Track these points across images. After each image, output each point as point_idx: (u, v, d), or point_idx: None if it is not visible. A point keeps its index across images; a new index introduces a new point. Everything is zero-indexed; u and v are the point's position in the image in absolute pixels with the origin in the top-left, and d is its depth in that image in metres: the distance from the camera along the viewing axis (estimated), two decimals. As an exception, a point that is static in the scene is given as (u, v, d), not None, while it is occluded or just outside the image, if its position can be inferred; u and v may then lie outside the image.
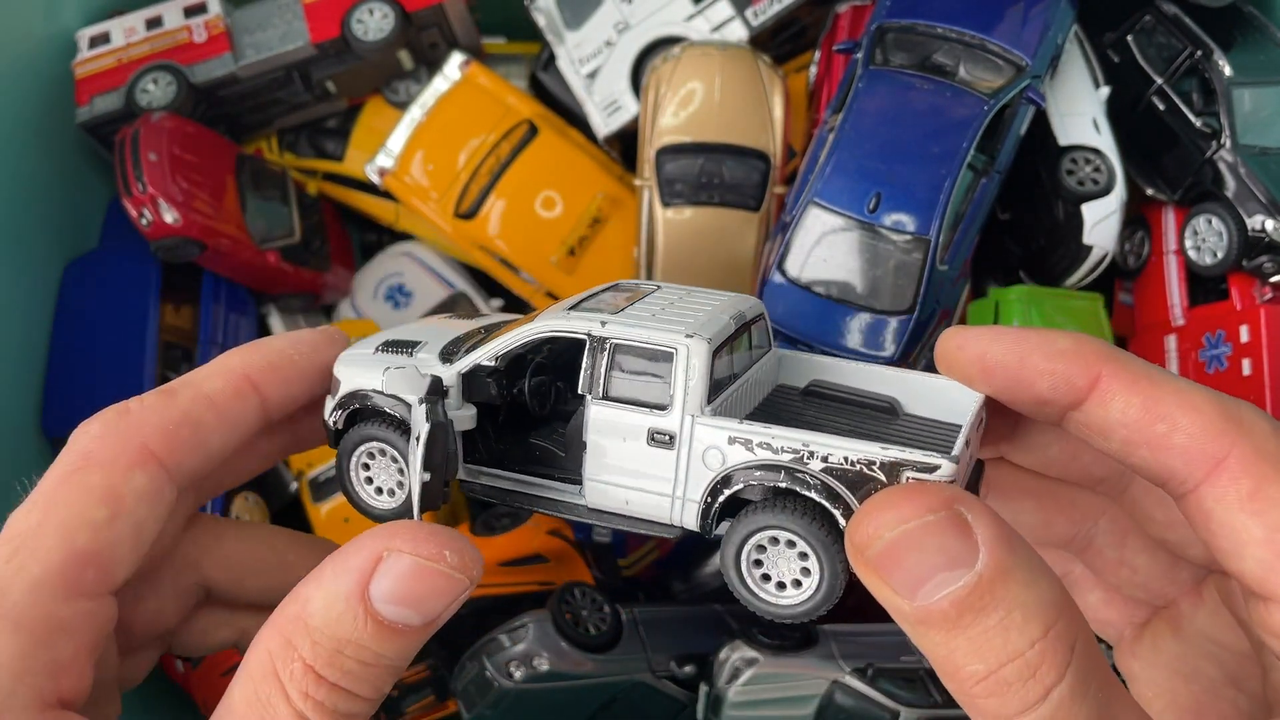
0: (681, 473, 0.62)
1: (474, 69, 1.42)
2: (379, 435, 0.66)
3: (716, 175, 1.22)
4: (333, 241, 1.54)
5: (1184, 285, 1.25)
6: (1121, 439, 0.59)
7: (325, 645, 0.54)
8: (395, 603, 0.54)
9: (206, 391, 0.64)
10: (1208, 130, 1.19)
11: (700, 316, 0.64)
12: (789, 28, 1.41)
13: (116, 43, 1.40)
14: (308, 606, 0.54)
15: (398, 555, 0.54)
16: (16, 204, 1.33)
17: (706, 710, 1.14)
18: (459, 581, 0.56)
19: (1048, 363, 0.60)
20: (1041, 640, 0.49)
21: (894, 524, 0.51)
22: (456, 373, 0.65)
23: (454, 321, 0.75)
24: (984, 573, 0.49)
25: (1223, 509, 0.56)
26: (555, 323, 0.64)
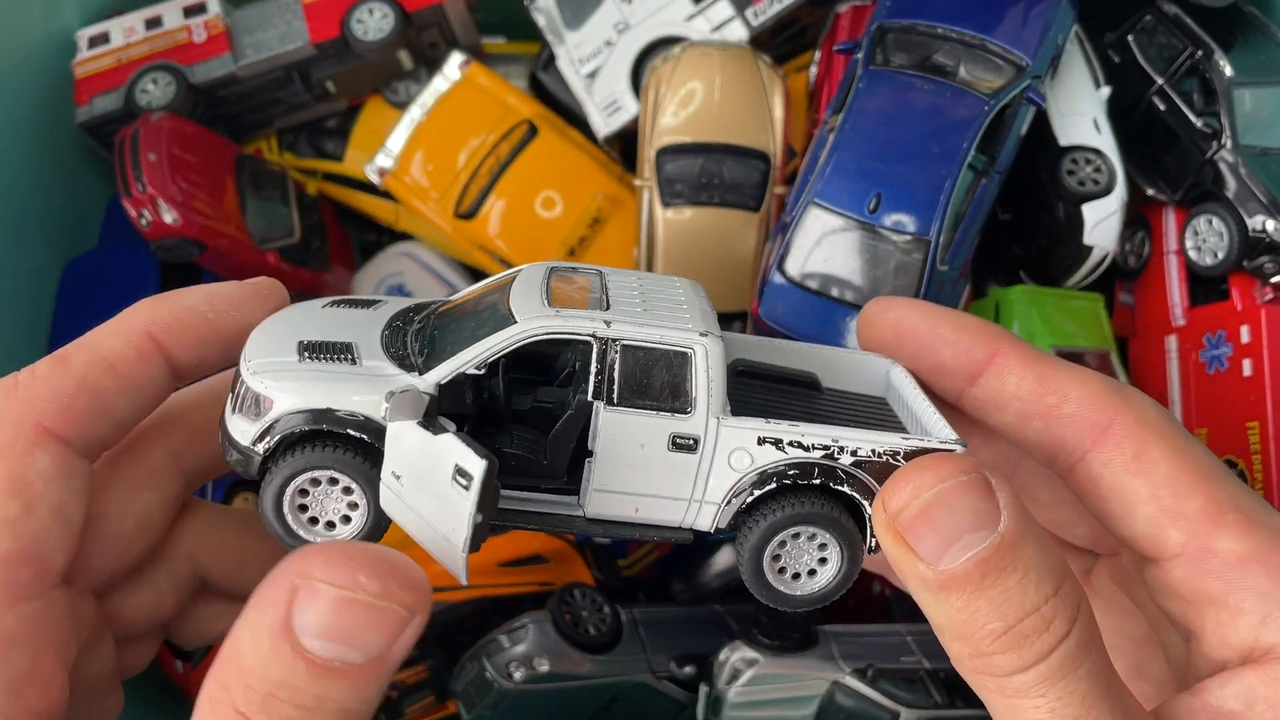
0: (703, 476, 0.60)
1: (474, 69, 1.42)
2: (332, 463, 0.57)
3: (716, 175, 1.22)
4: (332, 241, 1.54)
5: (1184, 285, 1.25)
6: (1016, 411, 0.63)
7: (257, 689, 0.47)
8: (325, 638, 0.47)
9: (104, 354, 0.58)
10: (1208, 130, 1.19)
11: (690, 310, 0.63)
12: (789, 28, 1.40)
13: (116, 43, 1.40)
14: (238, 645, 0.48)
15: (311, 585, 0.47)
16: (16, 204, 1.33)
17: (706, 711, 1.14)
18: (386, 612, 0.47)
19: (954, 334, 0.65)
20: (1054, 596, 0.51)
21: (932, 484, 0.53)
22: (436, 384, 0.58)
23: (353, 311, 0.65)
24: (1006, 534, 0.51)
25: (1110, 472, 0.59)
26: (550, 322, 0.58)
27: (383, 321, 0.64)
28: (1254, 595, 0.54)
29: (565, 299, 0.60)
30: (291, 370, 0.57)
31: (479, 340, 0.58)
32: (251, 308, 0.62)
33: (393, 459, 0.56)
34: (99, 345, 0.59)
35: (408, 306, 0.66)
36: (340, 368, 0.58)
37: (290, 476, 0.57)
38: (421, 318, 0.64)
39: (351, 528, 0.59)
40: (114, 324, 0.60)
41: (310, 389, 0.56)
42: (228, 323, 0.61)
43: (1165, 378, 1.24)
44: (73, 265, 1.40)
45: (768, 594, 0.62)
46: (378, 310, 0.66)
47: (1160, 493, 0.58)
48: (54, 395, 0.56)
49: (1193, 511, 0.57)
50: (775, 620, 1.18)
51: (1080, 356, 1.19)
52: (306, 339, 0.60)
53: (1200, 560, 0.56)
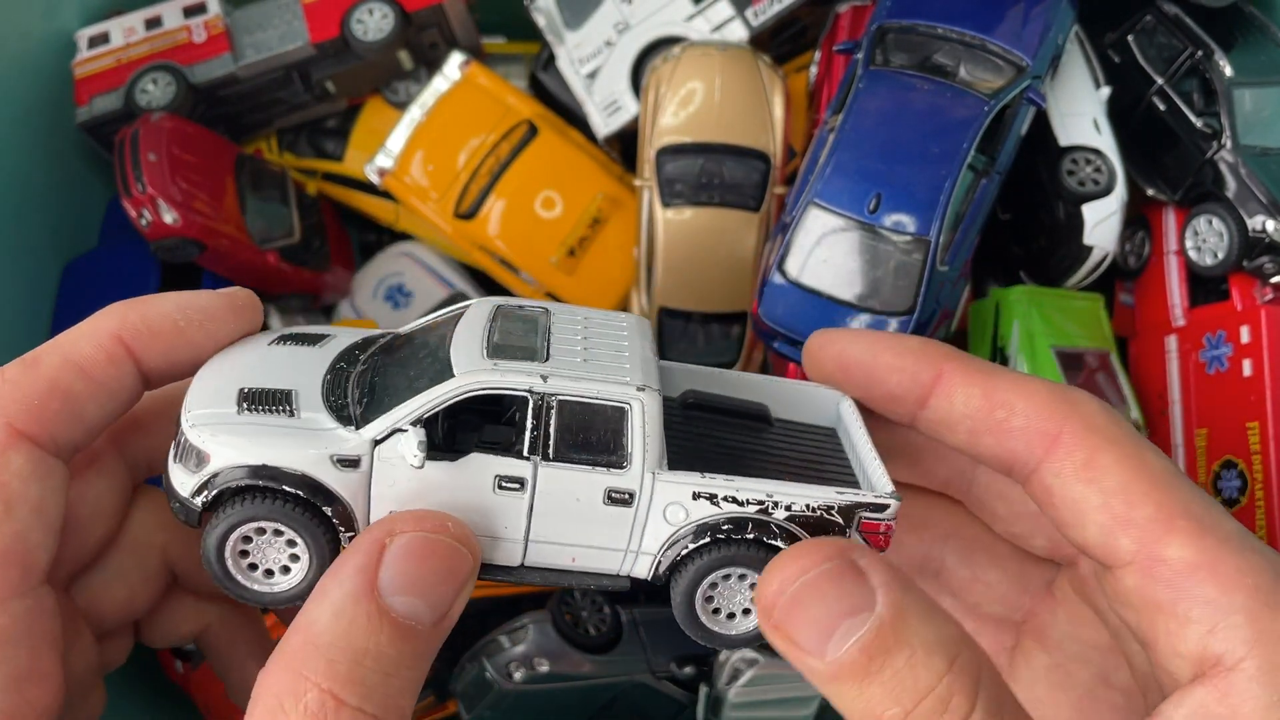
0: (639, 528, 0.60)
1: (474, 69, 1.42)
2: (273, 515, 0.57)
3: (717, 175, 1.22)
4: (332, 242, 1.54)
5: (1184, 286, 1.25)
6: (967, 429, 0.63)
7: (342, 660, 0.50)
8: (406, 591, 0.51)
9: (75, 358, 0.58)
10: (1208, 130, 1.19)
11: (630, 359, 0.62)
12: (789, 28, 1.40)
13: (116, 43, 1.40)
14: (314, 627, 0.51)
15: (401, 536, 0.52)
16: (16, 204, 1.33)
17: (706, 711, 1.14)
18: (463, 556, 0.54)
19: (897, 360, 0.64)
20: (949, 673, 0.50)
21: (796, 576, 0.53)
22: (371, 440, 0.58)
23: (299, 350, 0.65)
24: (884, 614, 0.51)
25: (1061, 482, 0.59)
26: (487, 378, 0.57)
27: (327, 363, 0.63)
28: (1201, 604, 0.54)
29: (505, 349, 0.60)
30: (229, 424, 0.57)
31: (415, 394, 0.58)
32: (224, 319, 0.62)
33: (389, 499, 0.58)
34: (69, 348, 0.59)
35: (355, 343, 0.66)
36: (277, 420, 0.58)
37: (231, 527, 0.58)
38: (367, 357, 0.64)
39: (292, 577, 0.60)
40: (85, 327, 0.60)
41: (246, 444, 0.57)
42: (199, 333, 0.61)
43: (1165, 378, 1.24)
44: (73, 265, 1.40)
45: (702, 634, 0.63)
46: (325, 347, 0.65)
47: (1111, 501, 0.57)
48: (24, 398, 0.56)
49: (1143, 519, 0.56)
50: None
51: (1080, 356, 1.19)
52: (247, 386, 0.60)
53: (1150, 568, 0.56)
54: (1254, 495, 1.11)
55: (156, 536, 0.68)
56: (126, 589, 0.67)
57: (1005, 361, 1.17)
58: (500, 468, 0.59)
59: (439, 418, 0.58)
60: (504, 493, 0.59)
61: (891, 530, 0.61)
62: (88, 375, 0.58)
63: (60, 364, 0.58)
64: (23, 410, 0.56)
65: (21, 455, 0.56)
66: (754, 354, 1.29)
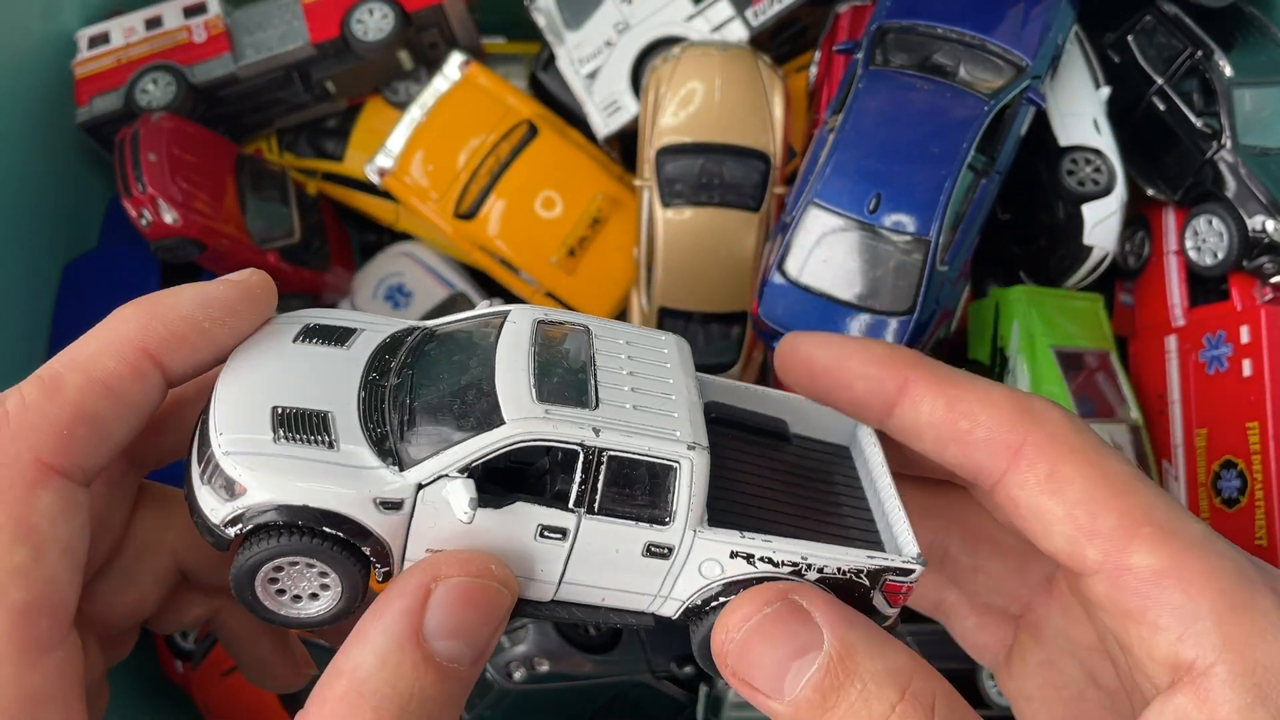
0: (672, 578, 0.60)
1: (474, 69, 1.42)
2: (309, 552, 0.56)
3: (716, 175, 1.22)
4: (332, 241, 1.54)
5: (1184, 286, 1.25)
6: (932, 438, 0.63)
7: (389, 707, 0.49)
8: (449, 636, 0.51)
9: (100, 376, 0.54)
10: (1208, 130, 1.19)
11: (678, 403, 0.61)
12: (789, 28, 1.40)
13: (116, 43, 1.40)
14: (358, 672, 0.49)
15: (447, 582, 0.51)
16: (16, 204, 1.33)
17: (706, 711, 1.14)
18: (505, 597, 0.54)
19: (863, 367, 0.65)
20: (901, 702, 0.51)
21: (740, 624, 0.54)
22: (415, 485, 0.56)
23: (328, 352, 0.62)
24: (832, 651, 0.52)
25: (1026, 494, 0.59)
26: (540, 428, 0.56)
27: (359, 372, 0.61)
28: (1169, 610, 0.54)
29: (554, 389, 0.58)
30: (266, 455, 0.55)
31: (463, 436, 0.56)
32: (246, 311, 0.60)
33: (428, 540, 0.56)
34: (92, 366, 0.54)
35: (384, 344, 0.64)
36: (317, 454, 0.55)
37: (265, 560, 0.56)
38: (400, 367, 0.62)
39: (320, 604, 0.59)
40: (104, 338, 0.55)
41: (286, 483, 0.54)
42: (223, 330, 0.58)
43: (1165, 378, 1.24)
44: (73, 265, 1.40)
45: (720, 674, 0.63)
46: (354, 348, 0.63)
47: (1075, 511, 0.57)
48: (50, 427, 0.52)
49: (1107, 528, 0.56)
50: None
51: (1080, 356, 1.19)
52: (281, 406, 0.57)
53: (1117, 577, 0.56)
54: (1254, 495, 1.11)
55: (164, 536, 0.66)
56: (136, 592, 0.65)
57: (1005, 361, 1.17)
58: (544, 517, 0.58)
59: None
60: (545, 540, 0.58)
61: (911, 591, 0.62)
62: (114, 394, 0.54)
63: (85, 385, 0.54)
64: (50, 440, 0.52)
65: (51, 493, 0.52)
66: (754, 354, 1.29)
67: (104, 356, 0.54)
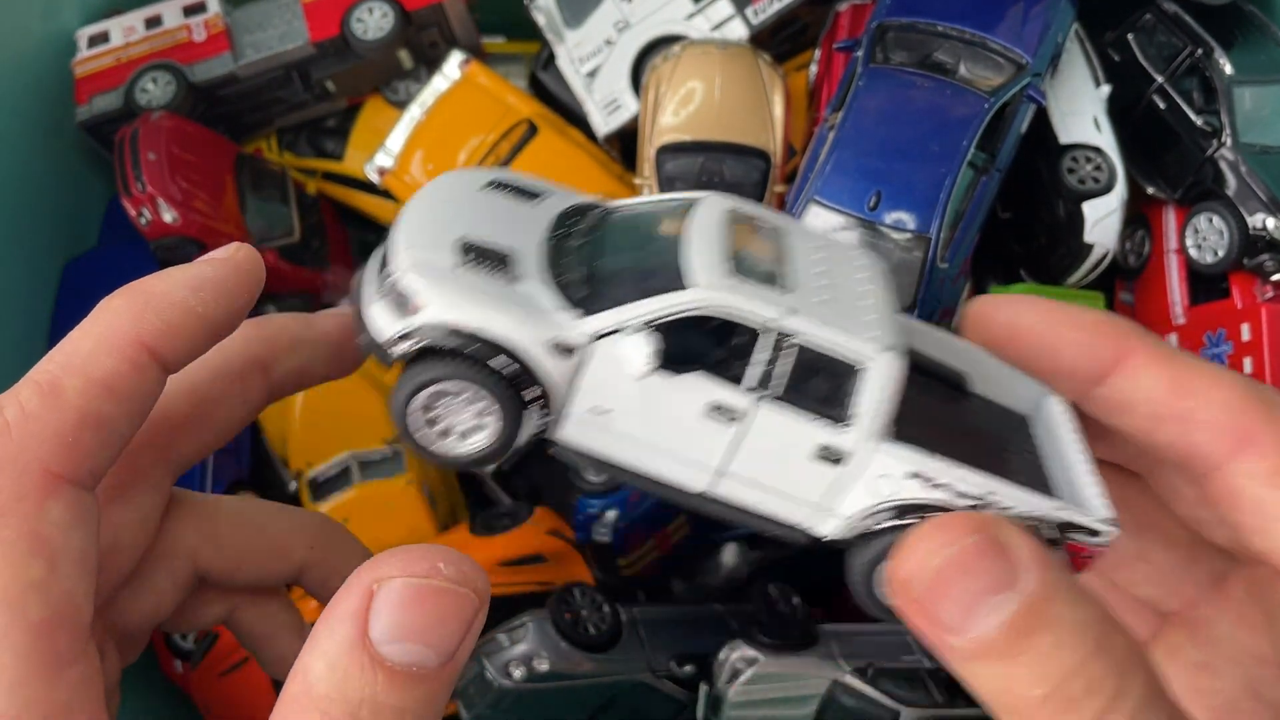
0: (840, 490, 0.56)
1: (473, 68, 1.42)
2: (472, 380, 0.53)
3: (717, 174, 1.22)
4: (332, 241, 1.54)
5: (1185, 284, 1.25)
6: (1146, 414, 0.59)
7: (338, 714, 0.47)
8: (400, 640, 0.47)
9: (99, 376, 0.52)
10: (1209, 129, 1.19)
11: (875, 309, 0.57)
12: (789, 26, 1.40)
13: (116, 42, 1.40)
14: (309, 676, 0.47)
15: (389, 583, 0.47)
16: (15, 203, 1.33)
17: (706, 710, 1.14)
18: (463, 597, 0.49)
19: (1076, 332, 0.60)
20: (1096, 655, 0.48)
21: (937, 551, 0.49)
22: (593, 333, 0.53)
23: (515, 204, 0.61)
24: (1032, 592, 0.48)
25: (1252, 484, 0.55)
26: (729, 299, 0.52)
27: (545, 226, 0.59)
28: None
29: (745, 265, 0.55)
30: (447, 276, 0.53)
31: (646, 296, 0.53)
32: (237, 290, 0.57)
33: (594, 396, 0.54)
34: (90, 366, 0.52)
35: (570, 208, 0.62)
36: (498, 285, 0.54)
37: (428, 384, 0.54)
38: (585, 229, 0.60)
39: (474, 443, 0.56)
40: (98, 334, 0.53)
41: (465, 305, 0.52)
42: (218, 312, 0.56)
43: (1166, 376, 1.24)
44: (73, 264, 1.40)
45: (876, 608, 0.58)
46: (540, 206, 0.61)
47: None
48: (54, 435, 0.50)
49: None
50: (775, 619, 1.18)
51: (1081, 355, 1.19)
52: (468, 238, 0.55)
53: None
54: (1255, 493, 1.11)
55: (184, 540, 0.64)
56: (154, 598, 0.64)
57: (1006, 360, 1.17)
58: (718, 394, 0.54)
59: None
60: (712, 419, 0.55)
61: (1096, 558, 0.58)
62: (116, 393, 0.52)
63: (85, 387, 0.52)
64: (56, 448, 0.50)
65: (61, 502, 0.50)
66: (754, 353, 1.29)
67: (100, 355, 0.52)
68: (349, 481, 1.33)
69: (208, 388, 0.62)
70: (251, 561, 0.66)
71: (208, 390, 0.62)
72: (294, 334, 0.60)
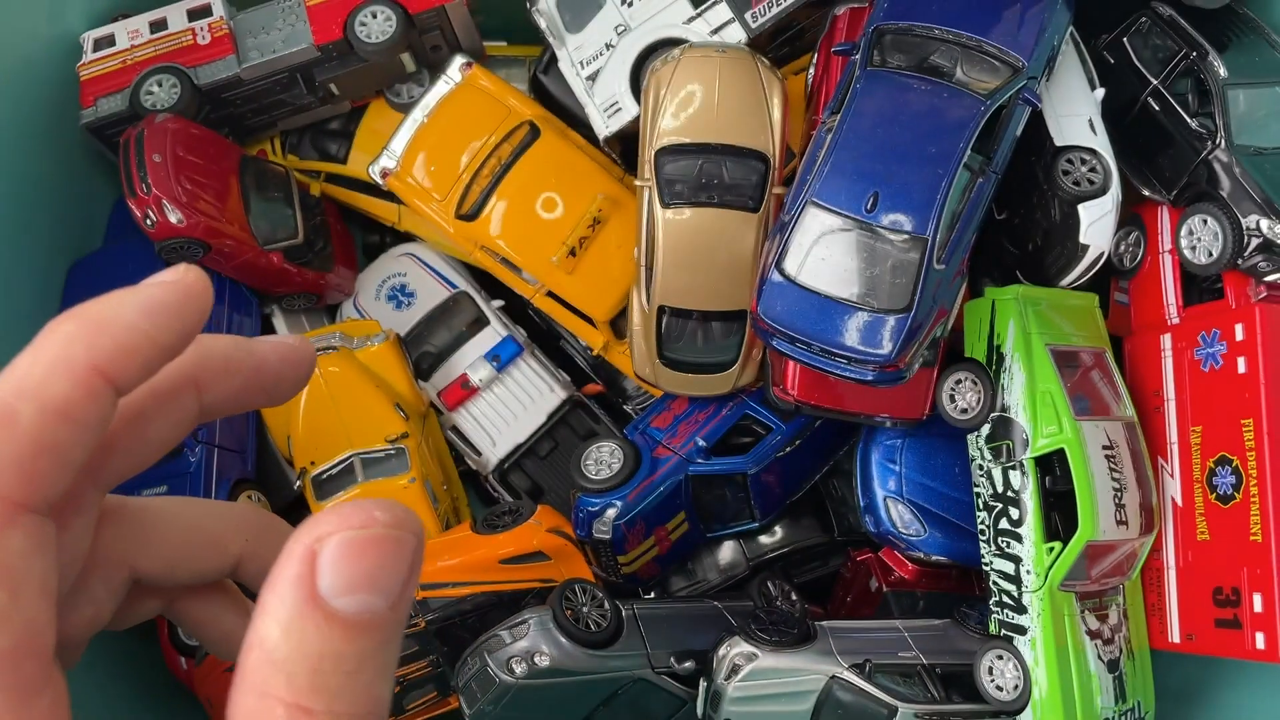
0: None
1: (475, 71, 1.43)
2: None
3: (716, 176, 1.23)
4: (335, 242, 1.56)
5: (1179, 284, 1.26)
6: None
7: (301, 671, 0.47)
8: (349, 592, 0.47)
9: (52, 403, 0.50)
10: (1203, 131, 1.20)
11: None
12: (788, 30, 1.42)
13: (121, 45, 1.41)
14: (265, 644, 0.47)
15: (329, 540, 0.47)
16: (22, 205, 1.34)
17: (706, 705, 1.15)
18: (402, 540, 0.49)
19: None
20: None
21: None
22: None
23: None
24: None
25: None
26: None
27: None
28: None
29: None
30: None
31: None
32: (189, 313, 0.55)
33: None
34: (43, 393, 0.50)
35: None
36: None
37: None
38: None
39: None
40: (49, 359, 0.51)
41: None
42: (170, 336, 0.54)
43: (1160, 376, 1.25)
44: (79, 265, 1.41)
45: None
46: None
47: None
48: (11, 464, 0.49)
49: None
50: (774, 616, 1.19)
51: (1076, 355, 1.20)
52: None
53: None
54: (1248, 492, 1.12)
55: (122, 550, 0.63)
56: (93, 609, 0.62)
57: (1001, 359, 1.18)
58: None
59: None
60: None
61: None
62: (71, 419, 0.51)
63: (39, 414, 0.50)
64: (14, 478, 0.49)
65: (20, 530, 0.50)
66: (754, 352, 1.31)
67: (54, 380, 0.51)
68: (352, 480, 1.34)
69: (140, 405, 0.60)
70: (187, 561, 0.65)
71: (140, 407, 0.60)
72: (228, 356, 0.59)
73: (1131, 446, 1.17)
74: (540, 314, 1.49)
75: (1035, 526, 1.13)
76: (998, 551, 1.16)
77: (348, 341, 1.42)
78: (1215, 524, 1.16)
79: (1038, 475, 1.13)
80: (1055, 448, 1.12)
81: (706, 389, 1.34)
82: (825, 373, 1.11)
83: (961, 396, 1.21)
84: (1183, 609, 1.18)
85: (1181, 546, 1.19)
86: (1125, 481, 1.14)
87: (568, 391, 1.50)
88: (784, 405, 1.30)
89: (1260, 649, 1.09)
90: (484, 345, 1.50)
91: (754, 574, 1.36)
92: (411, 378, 1.45)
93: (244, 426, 1.40)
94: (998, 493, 1.16)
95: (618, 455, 1.31)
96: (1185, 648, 1.18)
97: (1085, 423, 1.13)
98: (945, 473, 1.31)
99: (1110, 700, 1.13)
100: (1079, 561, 1.11)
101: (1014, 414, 1.16)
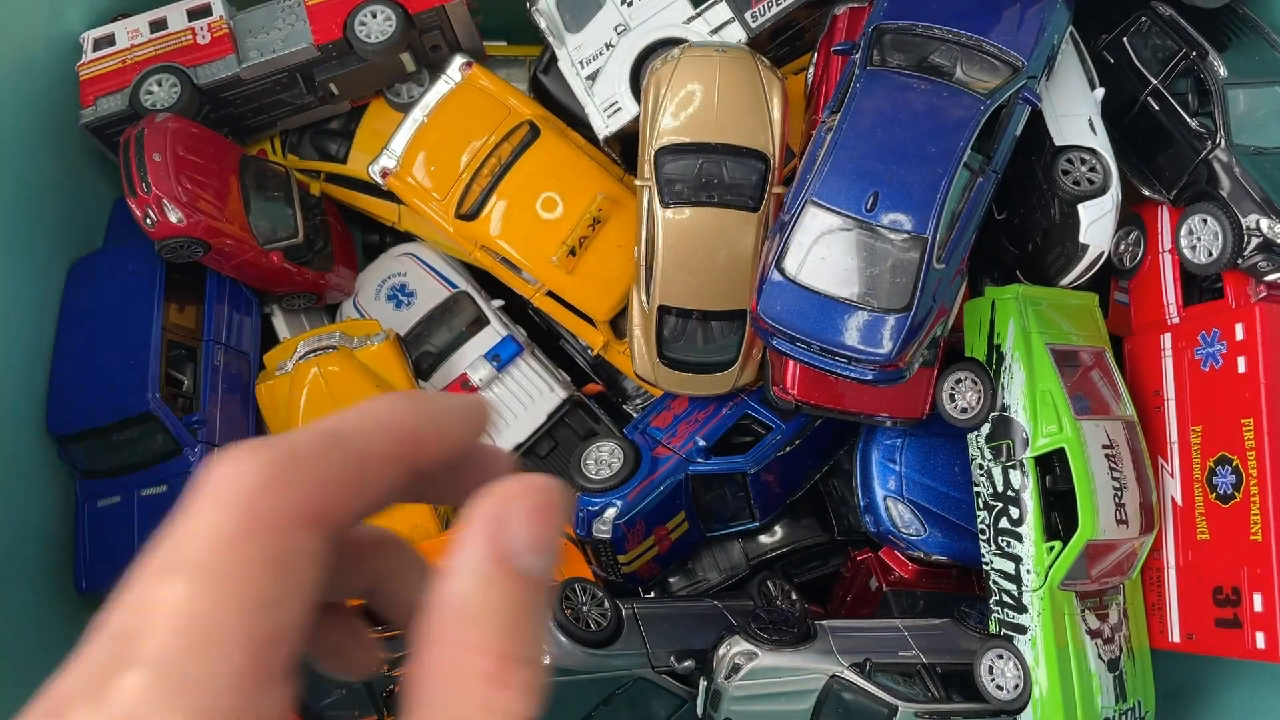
0: None
1: (475, 71, 1.43)
2: None
3: (716, 176, 1.23)
4: (335, 242, 1.56)
5: (1179, 284, 1.26)
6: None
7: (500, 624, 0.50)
8: (530, 552, 0.51)
9: (374, 451, 0.55)
10: (1203, 130, 1.20)
11: None
12: (788, 30, 1.42)
13: (121, 45, 1.41)
14: (457, 599, 0.50)
15: (516, 505, 0.52)
16: (21, 204, 1.34)
17: (706, 705, 1.15)
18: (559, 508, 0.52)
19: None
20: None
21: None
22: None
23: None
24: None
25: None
26: None
27: None
28: None
29: None
30: None
31: None
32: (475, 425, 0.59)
33: None
34: (366, 440, 0.55)
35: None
36: None
37: None
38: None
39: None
40: (376, 420, 0.55)
41: None
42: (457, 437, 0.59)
43: (1160, 375, 1.25)
44: (78, 265, 1.41)
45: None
46: None
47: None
48: (331, 478, 0.53)
49: None
50: (774, 615, 1.19)
51: (1076, 354, 1.20)
52: None
53: None
54: (1249, 491, 1.12)
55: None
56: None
57: (1001, 359, 1.18)
58: None
59: None
60: None
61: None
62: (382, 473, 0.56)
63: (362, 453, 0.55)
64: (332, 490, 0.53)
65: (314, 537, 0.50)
66: (754, 352, 1.31)
67: (378, 436, 0.55)
68: (352, 479, 1.34)
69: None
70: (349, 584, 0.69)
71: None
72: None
73: (1131, 446, 1.17)
74: (540, 314, 1.49)
75: (1035, 526, 1.13)
76: (998, 551, 1.16)
77: (348, 341, 1.42)
78: (1215, 523, 1.16)
79: (1038, 474, 1.14)
80: (1055, 447, 1.12)
81: (706, 388, 1.34)
82: (825, 372, 1.12)
83: (961, 396, 1.21)
84: (1183, 608, 1.18)
85: (1181, 546, 1.19)
86: (1125, 481, 1.14)
87: (568, 391, 1.50)
88: (784, 405, 1.30)
89: (1260, 648, 1.09)
90: (484, 345, 1.50)
91: (754, 573, 1.36)
92: (412, 377, 1.45)
93: (244, 426, 1.40)
94: (998, 492, 1.16)
95: (617, 455, 1.31)
96: (1185, 647, 1.18)
97: (1085, 422, 1.14)
98: (945, 472, 1.31)
99: (1110, 699, 1.13)
100: (1079, 561, 1.12)
101: (1014, 413, 1.16)
